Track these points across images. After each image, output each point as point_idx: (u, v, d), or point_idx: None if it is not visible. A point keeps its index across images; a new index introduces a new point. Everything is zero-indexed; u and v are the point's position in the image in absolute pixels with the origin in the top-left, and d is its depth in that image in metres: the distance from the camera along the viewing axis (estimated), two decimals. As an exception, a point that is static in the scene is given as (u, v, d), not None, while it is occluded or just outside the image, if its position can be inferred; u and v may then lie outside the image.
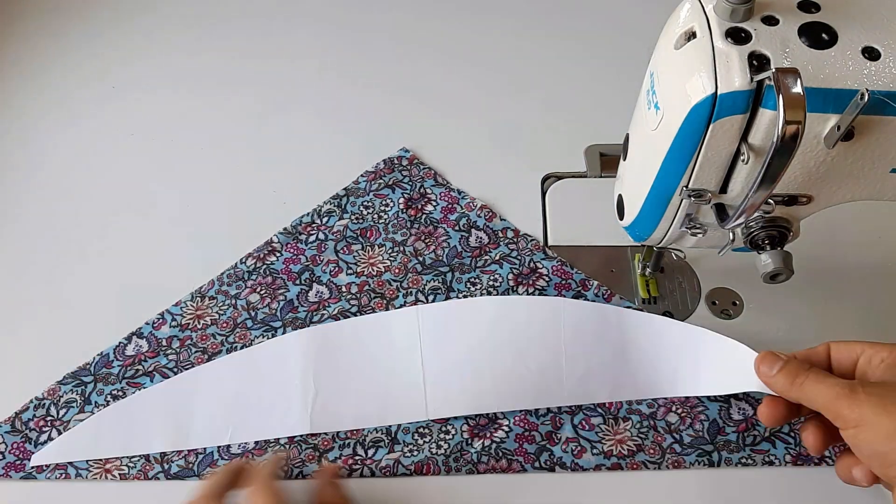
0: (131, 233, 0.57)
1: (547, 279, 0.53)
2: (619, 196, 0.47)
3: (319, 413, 0.47)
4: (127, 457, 0.46)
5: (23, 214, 0.58)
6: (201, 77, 0.68)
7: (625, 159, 0.45)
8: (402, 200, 0.57)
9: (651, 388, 0.48)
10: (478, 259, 0.54)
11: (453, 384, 0.48)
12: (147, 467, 0.46)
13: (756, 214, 0.41)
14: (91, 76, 0.68)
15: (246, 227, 0.57)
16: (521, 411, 0.47)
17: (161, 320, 0.52)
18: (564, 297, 0.52)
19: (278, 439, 0.47)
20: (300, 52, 0.70)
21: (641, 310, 0.51)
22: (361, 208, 0.57)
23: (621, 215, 0.47)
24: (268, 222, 0.57)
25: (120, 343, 0.50)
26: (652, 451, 0.46)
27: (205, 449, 0.46)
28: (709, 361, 0.47)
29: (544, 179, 0.60)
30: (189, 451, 0.46)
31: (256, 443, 0.47)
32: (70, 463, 0.46)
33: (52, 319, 0.52)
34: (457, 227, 0.56)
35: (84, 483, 0.45)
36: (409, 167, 0.60)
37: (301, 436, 0.47)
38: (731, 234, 0.43)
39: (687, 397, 0.48)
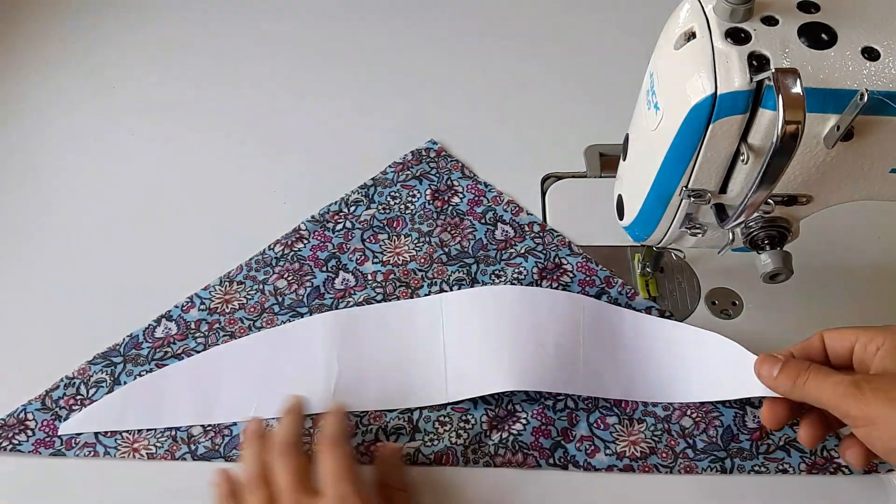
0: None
1: (571, 275, 0.51)
2: (619, 196, 0.45)
3: (341, 393, 0.46)
4: (154, 437, 0.45)
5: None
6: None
7: (624, 159, 0.43)
8: (428, 192, 0.55)
9: (664, 391, 0.45)
10: (503, 252, 0.52)
11: (473, 366, 0.46)
12: (174, 447, 0.44)
13: (756, 214, 0.39)
14: (91, 75, 0.65)
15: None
16: (538, 405, 0.45)
17: (190, 304, 0.50)
18: (588, 293, 0.49)
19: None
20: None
21: (663, 311, 0.49)
22: (388, 198, 0.55)
23: (621, 215, 0.45)
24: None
25: (149, 325, 0.49)
26: (664, 455, 0.43)
27: (231, 430, 0.45)
28: (721, 366, 0.44)
29: (544, 179, 0.57)
30: (216, 432, 0.45)
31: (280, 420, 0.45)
32: (98, 441, 0.44)
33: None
34: (483, 220, 0.54)
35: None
36: (436, 159, 0.57)
37: None
38: (730, 234, 0.41)
39: (702, 402, 0.45)
